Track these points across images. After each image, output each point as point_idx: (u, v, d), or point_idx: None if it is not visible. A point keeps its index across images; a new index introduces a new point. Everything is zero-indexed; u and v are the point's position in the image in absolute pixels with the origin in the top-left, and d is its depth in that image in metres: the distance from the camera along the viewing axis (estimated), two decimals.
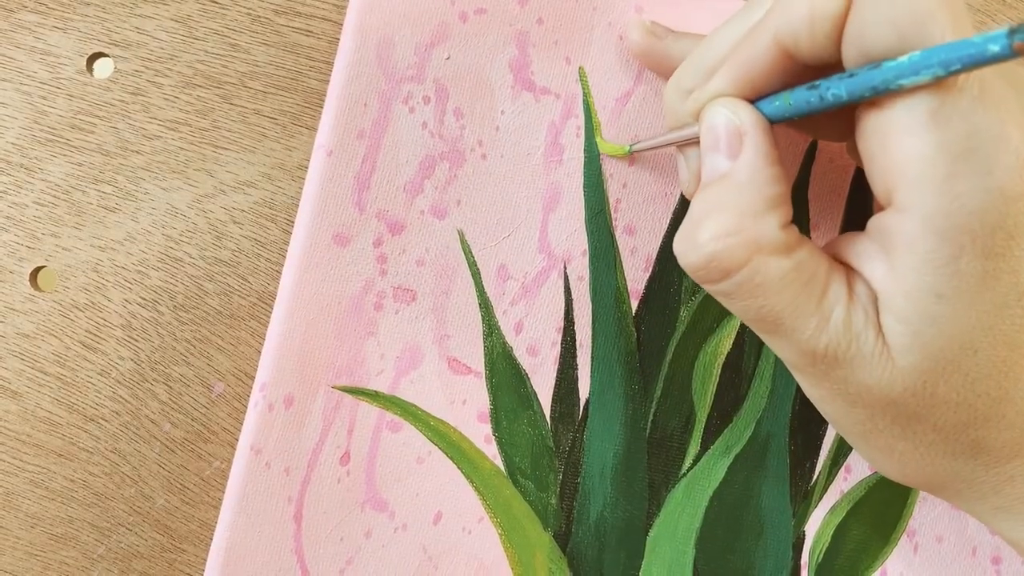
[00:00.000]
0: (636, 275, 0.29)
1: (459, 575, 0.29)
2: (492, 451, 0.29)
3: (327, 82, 0.30)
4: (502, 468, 0.29)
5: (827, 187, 0.30)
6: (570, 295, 0.29)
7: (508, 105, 0.28)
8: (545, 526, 0.29)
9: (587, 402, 0.29)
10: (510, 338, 0.29)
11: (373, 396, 0.28)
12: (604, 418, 0.29)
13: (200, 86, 0.30)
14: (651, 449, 0.29)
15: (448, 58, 0.28)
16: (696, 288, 0.29)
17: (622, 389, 0.29)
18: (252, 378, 0.30)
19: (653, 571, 0.29)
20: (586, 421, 0.29)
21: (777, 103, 0.22)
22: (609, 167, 0.29)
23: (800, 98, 0.21)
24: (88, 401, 0.30)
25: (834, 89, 0.20)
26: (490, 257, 0.29)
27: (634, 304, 0.29)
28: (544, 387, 0.29)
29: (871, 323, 0.20)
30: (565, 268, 0.29)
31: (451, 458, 0.29)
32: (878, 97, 0.20)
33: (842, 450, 0.30)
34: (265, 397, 0.28)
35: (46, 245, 0.30)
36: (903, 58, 0.19)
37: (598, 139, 0.29)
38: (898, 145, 0.19)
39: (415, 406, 0.29)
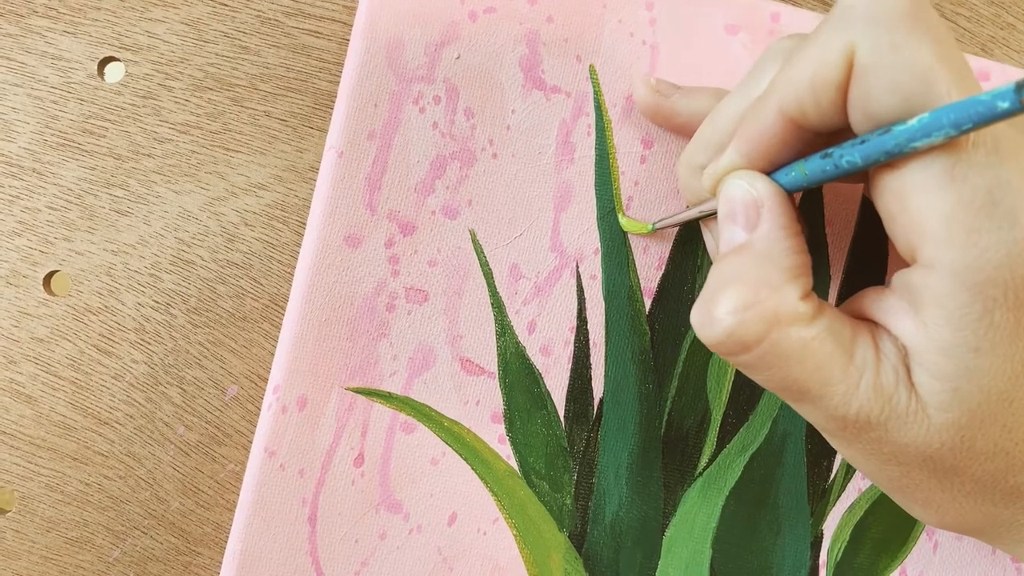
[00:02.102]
0: (649, 273, 0.29)
1: None
2: (506, 451, 0.29)
3: (337, 83, 0.30)
4: (516, 468, 0.29)
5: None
6: (583, 294, 0.29)
7: (519, 104, 0.28)
8: (560, 527, 0.29)
9: (601, 401, 0.29)
10: (523, 338, 0.29)
11: (386, 397, 0.28)
12: (618, 417, 0.29)
13: (211, 89, 0.30)
14: (666, 448, 0.29)
15: (458, 57, 0.28)
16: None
17: (636, 388, 0.29)
18: (265, 380, 0.30)
19: (670, 571, 0.29)
20: (600, 420, 0.29)
21: (793, 174, 0.22)
22: (621, 165, 0.29)
23: (815, 167, 0.21)
24: (102, 405, 0.30)
25: (848, 156, 0.20)
26: (502, 257, 0.29)
27: (647, 302, 0.29)
28: (558, 387, 0.29)
29: (903, 382, 0.20)
30: (577, 267, 0.29)
31: (465, 459, 0.29)
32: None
33: None
34: (279, 399, 0.28)
35: (59, 249, 0.30)
36: (913, 121, 0.18)
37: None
38: (918, 204, 0.19)
39: (428, 407, 0.28)
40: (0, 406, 0.30)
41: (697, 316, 0.22)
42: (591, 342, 0.29)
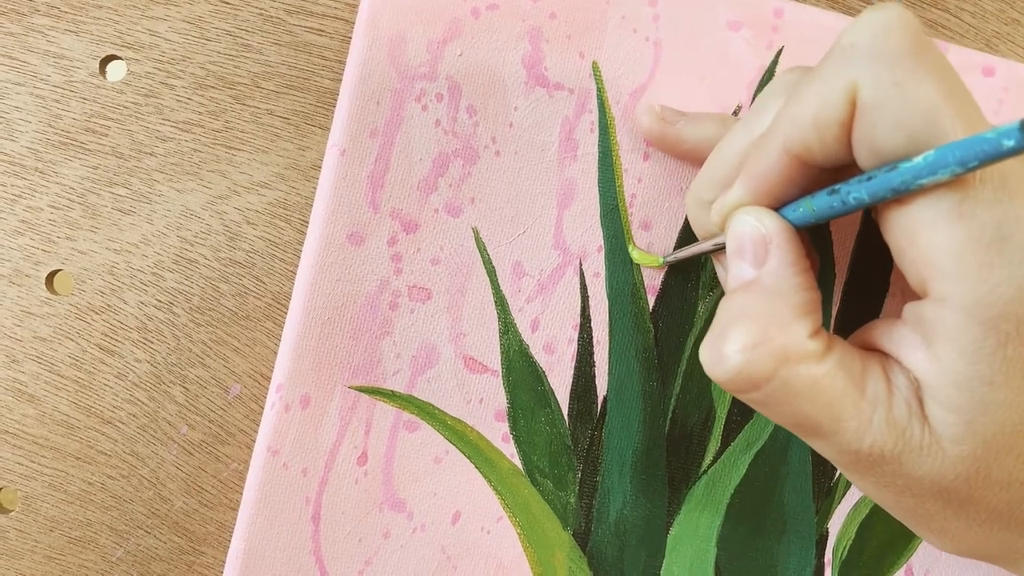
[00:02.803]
0: (652, 271, 0.29)
1: (478, 575, 0.29)
2: (510, 450, 0.29)
3: (339, 81, 0.30)
4: (520, 467, 0.29)
5: None
6: (586, 292, 0.29)
7: (521, 101, 0.28)
8: (564, 525, 0.29)
9: (605, 399, 0.29)
10: (526, 336, 0.29)
11: (390, 396, 0.28)
12: (622, 415, 0.29)
13: (213, 87, 0.30)
14: (670, 446, 0.29)
15: (461, 55, 0.28)
16: (714, 283, 0.29)
17: (640, 386, 0.29)
18: (268, 379, 0.30)
19: (674, 570, 0.29)
20: (604, 419, 0.29)
21: (801, 210, 0.22)
22: (624, 162, 0.29)
23: (822, 204, 0.21)
24: (105, 404, 0.30)
25: (855, 193, 0.20)
26: (505, 254, 0.29)
27: (651, 300, 0.29)
28: (561, 385, 0.29)
29: (915, 415, 0.20)
30: (581, 265, 0.29)
31: (469, 457, 0.29)
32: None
33: None
34: (282, 398, 0.28)
35: (62, 248, 0.30)
36: (918, 159, 0.18)
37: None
38: (927, 239, 0.19)
39: (432, 405, 0.28)
40: (3, 405, 0.30)
41: (706, 353, 0.22)
42: (595, 340, 0.29)
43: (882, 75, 0.19)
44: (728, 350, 0.21)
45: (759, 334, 0.21)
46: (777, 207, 0.22)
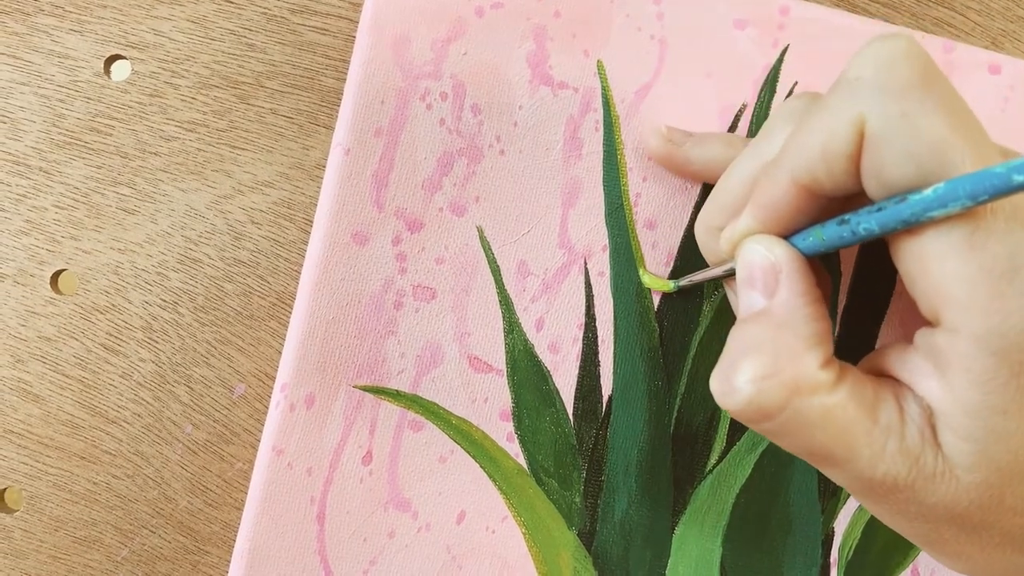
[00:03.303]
0: (657, 269, 0.29)
1: (483, 575, 0.29)
2: (515, 449, 0.29)
3: (344, 80, 0.30)
4: (525, 466, 0.29)
5: None
6: (591, 291, 0.29)
7: (526, 100, 0.28)
8: (569, 525, 0.29)
9: (610, 399, 0.29)
10: (531, 335, 0.29)
11: (394, 395, 0.28)
12: (627, 415, 0.29)
13: (217, 86, 0.30)
14: (676, 446, 0.29)
15: (465, 53, 0.28)
16: (719, 282, 0.29)
17: (645, 385, 0.29)
18: (273, 379, 0.30)
19: (680, 569, 0.29)
20: (609, 418, 0.29)
21: (811, 239, 0.22)
22: (629, 161, 0.29)
23: (832, 233, 0.21)
24: (110, 403, 0.30)
25: (865, 224, 0.20)
26: (510, 254, 0.28)
27: (656, 299, 0.29)
28: (566, 384, 0.29)
29: (928, 443, 0.20)
30: (586, 264, 0.29)
31: (473, 457, 0.29)
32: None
33: None
34: (286, 397, 0.28)
35: (66, 248, 0.30)
36: (928, 191, 0.18)
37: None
38: (939, 269, 0.19)
39: (436, 405, 0.28)
40: (8, 405, 0.30)
41: (717, 384, 0.22)
42: (600, 339, 0.29)
43: (889, 108, 0.19)
44: (739, 381, 0.21)
45: (770, 365, 0.21)
46: (786, 235, 0.22)
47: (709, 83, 0.29)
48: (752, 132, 0.29)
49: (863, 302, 0.29)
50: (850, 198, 0.21)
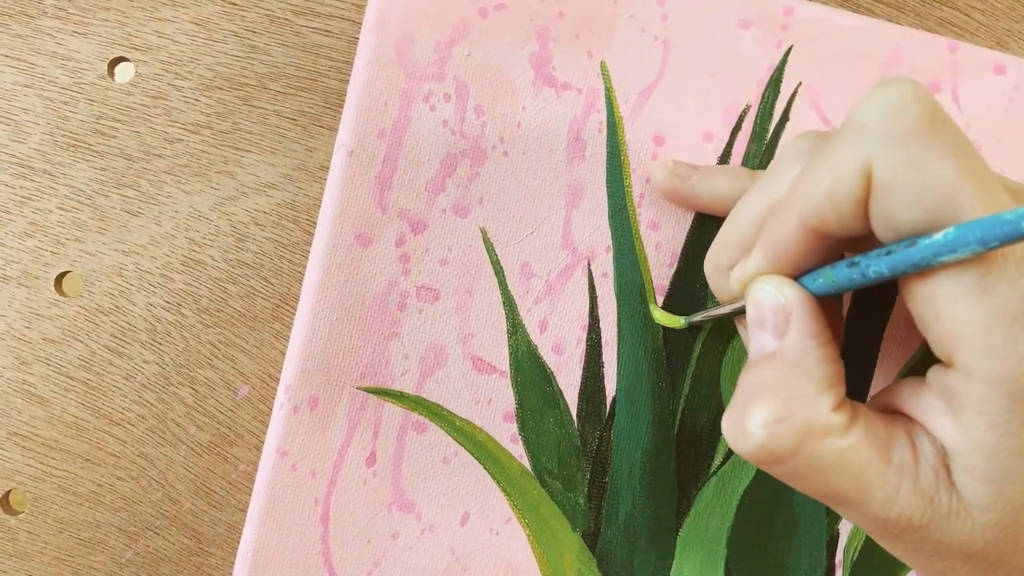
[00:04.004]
0: (661, 271, 0.29)
1: None
2: (519, 451, 0.29)
3: (347, 82, 0.30)
4: (529, 468, 0.29)
5: None
6: (594, 292, 0.29)
7: (529, 101, 0.28)
8: (574, 526, 0.29)
9: (614, 400, 0.29)
10: (535, 336, 0.29)
11: (398, 397, 0.28)
12: (631, 416, 0.29)
13: (220, 88, 0.30)
14: (680, 447, 0.29)
15: (468, 55, 0.28)
16: None
17: (649, 387, 0.29)
18: (276, 380, 0.30)
19: (684, 571, 0.29)
20: (613, 419, 0.29)
21: (821, 280, 0.21)
22: (632, 162, 0.28)
23: (842, 275, 0.21)
24: (114, 405, 0.30)
25: (875, 267, 0.20)
26: (513, 255, 0.28)
27: (660, 300, 0.29)
28: (570, 386, 0.29)
29: (943, 483, 0.20)
30: (589, 265, 0.29)
31: (477, 458, 0.29)
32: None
33: None
34: (290, 399, 0.28)
35: (70, 250, 0.30)
36: (938, 236, 0.18)
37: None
38: (950, 313, 0.19)
39: (440, 406, 0.28)
40: (12, 407, 0.30)
41: (729, 427, 0.22)
42: (603, 340, 0.29)
43: (896, 154, 0.19)
44: (751, 425, 0.21)
45: (782, 409, 0.20)
46: (796, 275, 0.22)
47: (713, 84, 0.28)
48: (756, 133, 0.29)
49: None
50: (860, 239, 0.21)
